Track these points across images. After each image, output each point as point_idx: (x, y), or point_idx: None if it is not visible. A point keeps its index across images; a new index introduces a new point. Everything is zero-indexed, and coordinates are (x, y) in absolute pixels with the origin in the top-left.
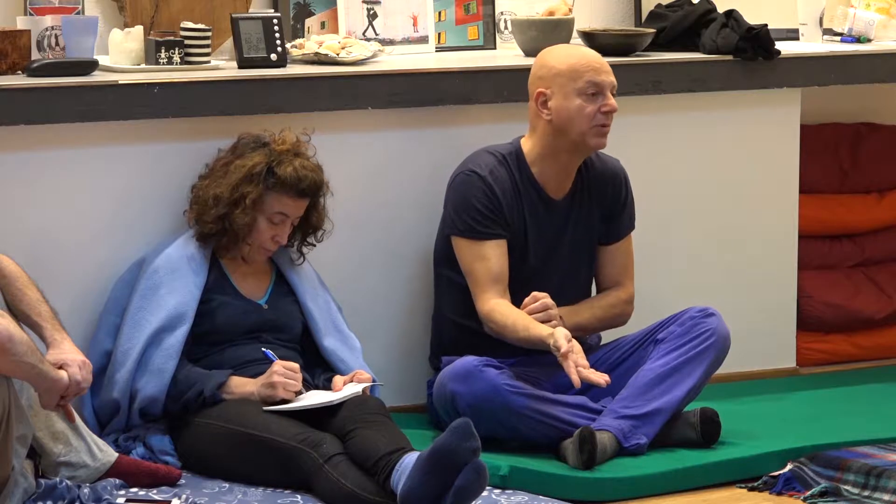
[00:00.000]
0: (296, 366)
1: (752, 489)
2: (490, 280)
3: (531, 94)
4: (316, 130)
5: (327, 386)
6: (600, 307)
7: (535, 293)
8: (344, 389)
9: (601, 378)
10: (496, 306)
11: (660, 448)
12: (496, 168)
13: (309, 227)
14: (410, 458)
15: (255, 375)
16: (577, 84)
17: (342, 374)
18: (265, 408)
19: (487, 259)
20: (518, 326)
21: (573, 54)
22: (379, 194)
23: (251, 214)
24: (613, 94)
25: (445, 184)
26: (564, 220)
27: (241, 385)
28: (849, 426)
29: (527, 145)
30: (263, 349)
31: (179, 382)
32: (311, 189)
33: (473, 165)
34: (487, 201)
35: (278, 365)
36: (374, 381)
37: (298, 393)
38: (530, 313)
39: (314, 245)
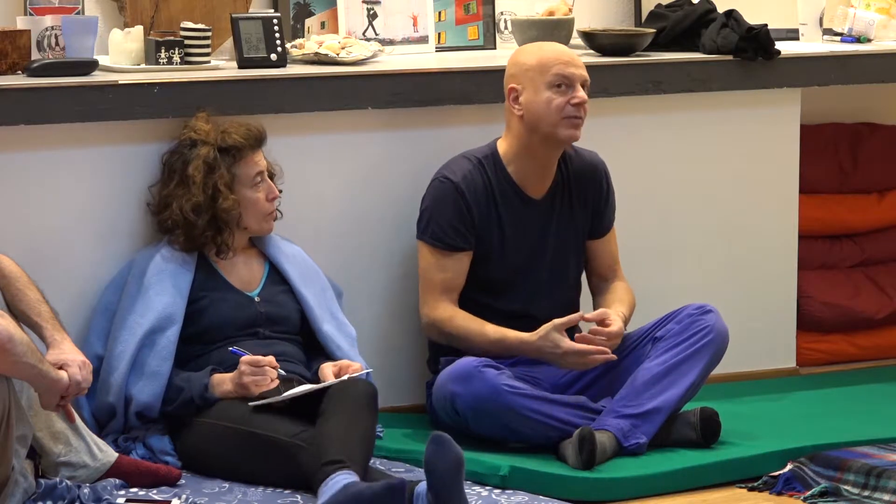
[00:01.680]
0: (259, 359)
1: (752, 489)
2: (447, 289)
3: (505, 90)
4: (315, 130)
5: (316, 379)
6: (627, 301)
7: (603, 311)
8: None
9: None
10: (457, 312)
11: (660, 448)
12: (470, 173)
13: (270, 176)
14: (341, 479)
15: None
16: (546, 77)
17: (337, 361)
18: (251, 403)
19: (447, 270)
20: (487, 330)
21: (543, 49)
22: (378, 194)
23: (231, 197)
24: (586, 89)
25: None
26: (546, 218)
27: (220, 384)
28: (849, 426)
29: (502, 146)
30: (231, 348)
31: (169, 390)
32: (261, 134)
33: (448, 171)
34: (458, 212)
35: (244, 364)
36: (364, 369)
37: (286, 382)
38: (600, 334)
39: (281, 191)
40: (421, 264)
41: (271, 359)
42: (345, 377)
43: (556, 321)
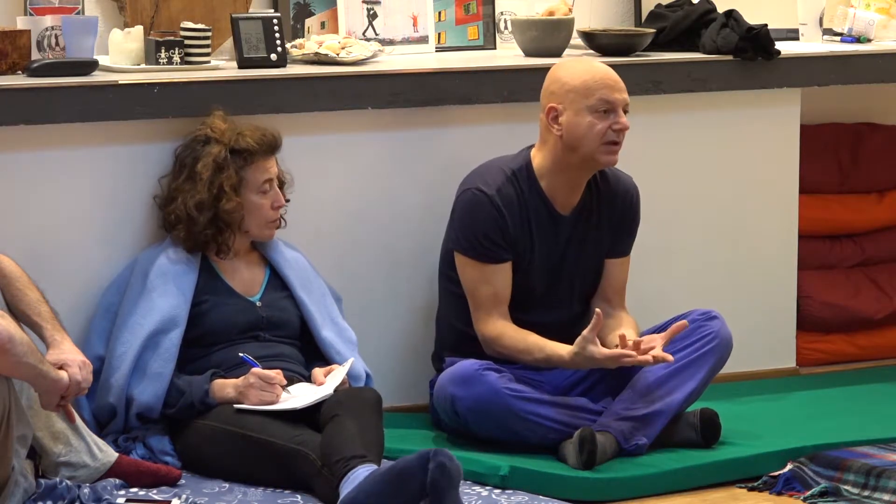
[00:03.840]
0: (271, 375)
1: (752, 489)
2: (494, 303)
3: (542, 108)
4: (315, 130)
5: (310, 381)
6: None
7: (628, 337)
8: (327, 382)
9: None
10: (509, 330)
11: (660, 448)
12: (504, 186)
13: (278, 183)
14: (363, 471)
15: None
16: (589, 101)
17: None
18: (236, 406)
19: (493, 283)
20: (534, 349)
21: (587, 70)
22: (379, 194)
23: (235, 199)
24: (626, 112)
25: (445, 184)
26: (570, 235)
27: (221, 389)
28: (849, 426)
29: (536, 158)
30: (241, 354)
31: (170, 392)
32: (276, 141)
33: (482, 183)
34: (495, 224)
35: (254, 377)
36: (353, 368)
37: (288, 381)
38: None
39: (288, 201)
40: (465, 280)
41: (281, 376)
42: (338, 379)
43: (586, 334)
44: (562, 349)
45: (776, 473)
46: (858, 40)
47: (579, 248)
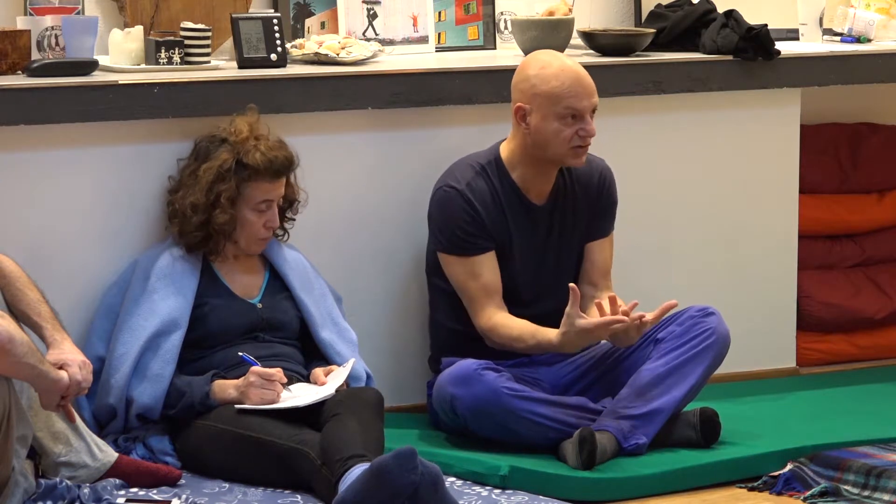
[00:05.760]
0: (271, 373)
1: (752, 489)
2: (486, 295)
3: (512, 100)
4: (315, 130)
5: (308, 379)
6: None
7: (614, 298)
8: (329, 382)
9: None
10: (501, 320)
11: (660, 448)
12: (473, 180)
13: (286, 202)
14: (359, 471)
15: None
16: (556, 108)
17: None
18: (237, 406)
19: (480, 275)
20: (525, 336)
21: (556, 75)
22: (378, 195)
23: (230, 212)
24: (593, 116)
25: None
26: (548, 224)
27: (222, 390)
28: (849, 426)
29: (505, 150)
30: (240, 353)
31: (170, 394)
32: (284, 167)
33: (451, 180)
34: (469, 217)
35: (254, 375)
36: (351, 368)
37: (287, 380)
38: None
39: (294, 219)
40: (453, 278)
41: (281, 374)
42: (339, 382)
43: (569, 311)
44: (550, 333)
45: (776, 473)
46: (858, 40)
47: (560, 236)
